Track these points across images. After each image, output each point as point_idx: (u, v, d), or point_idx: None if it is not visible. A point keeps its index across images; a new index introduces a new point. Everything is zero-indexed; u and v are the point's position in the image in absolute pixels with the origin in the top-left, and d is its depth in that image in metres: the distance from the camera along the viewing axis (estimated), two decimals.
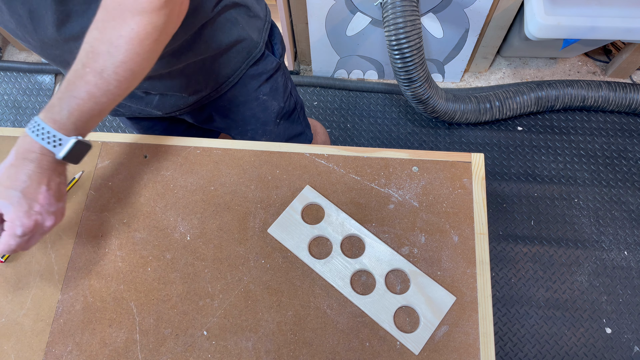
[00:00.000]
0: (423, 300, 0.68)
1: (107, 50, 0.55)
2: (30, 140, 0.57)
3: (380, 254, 0.71)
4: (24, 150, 0.57)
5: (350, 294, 0.69)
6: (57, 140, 0.57)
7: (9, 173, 0.57)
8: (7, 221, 0.58)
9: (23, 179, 0.57)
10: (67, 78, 0.57)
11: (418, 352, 0.65)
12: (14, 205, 0.57)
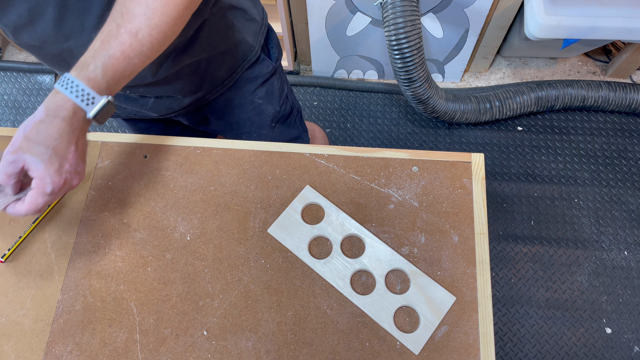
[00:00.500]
0: (423, 300, 0.68)
1: (143, 12, 0.56)
2: (62, 97, 0.56)
3: (380, 254, 0.71)
4: (56, 107, 0.56)
5: (350, 294, 0.69)
6: (90, 98, 0.56)
7: (38, 129, 0.55)
8: (37, 178, 0.56)
9: (54, 136, 0.55)
10: (100, 38, 0.57)
11: (418, 352, 0.65)
12: (44, 162, 0.55)
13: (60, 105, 0.56)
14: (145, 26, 0.56)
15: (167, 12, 0.57)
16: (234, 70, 0.87)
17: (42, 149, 0.55)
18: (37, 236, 0.75)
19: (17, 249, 0.74)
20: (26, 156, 0.55)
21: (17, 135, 0.56)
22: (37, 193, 0.57)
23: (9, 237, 0.75)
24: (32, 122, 0.56)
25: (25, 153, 0.55)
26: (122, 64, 0.57)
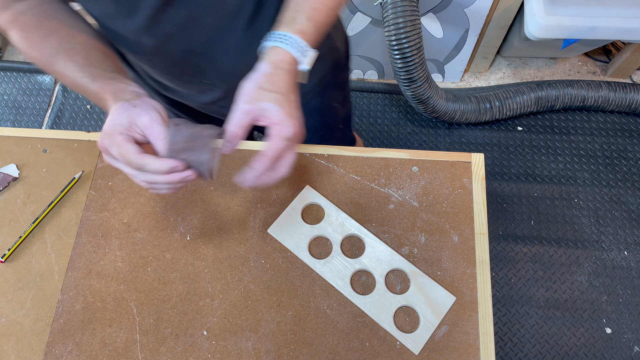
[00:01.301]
0: (423, 300, 0.68)
1: None
2: (283, 51, 0.56)
3: (380, 254, 0.71)
4: (278, 60, 0.56)
5: (350, 294, 0.69)
6: (305, 51, 0.57)
7: (269, 79, 0.56)
8: (275, 124, 0.55)
9: (284, 85, 0.56)
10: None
11: (418, 352, 0.65)
12: (283, 107, 0.55)
13: (281, 58, 0.56)
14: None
15: None
16: (325, 77, 0.85)
17: (278, 96, 0.55)
18: (37, 236, 0.75)
19: (17, 249, 0.74)
20: (263, 103, 0.55)
21: (247, 87, 0.56)
22: (278, 138, 0.55)
23: (9, 237, 0.75)
24: (262, 74, 0.56)
25: (261, 101, 0.55)
26: (322, 14, 0.58)
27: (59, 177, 0.79)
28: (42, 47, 0.61)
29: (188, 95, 0.77)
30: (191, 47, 0.64)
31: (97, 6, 0.60)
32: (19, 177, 0.79)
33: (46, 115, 1.95)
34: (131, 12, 0.58)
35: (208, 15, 0.60)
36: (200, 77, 0.70)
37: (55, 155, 0.81)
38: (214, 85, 0.73)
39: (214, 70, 0.69)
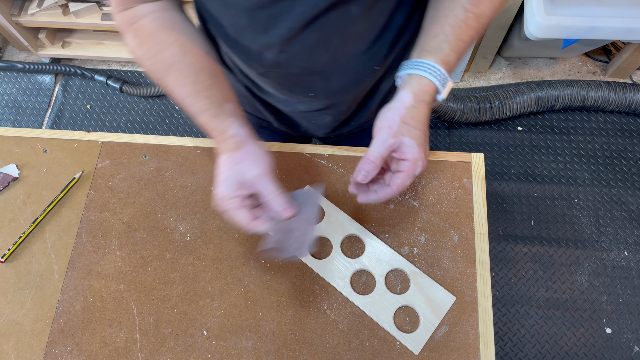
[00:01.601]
0: (423, 300, 0.68)
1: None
2: (428, 82, 0.57)
3: (380, 254, 0.71)
4: (421, 92, 0.57)
5: (350, 294, 0.69)
6: (445, 81, 0.58)
7: (411, 113, 0.57)
8: (409, 161, 0.57)
9: (424, 120, 0.57)
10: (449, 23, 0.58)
11: (418, 352, 0.65)
12: (420, 145, 0.57)
13: (425, 90, 0.57)
14: (489, 10, 0.58)
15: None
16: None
17: (419, 133, 0.57)
18: (37, 236, 0.75)
19: (17, 249, 0.74)
20: (404, 139, 0.56)
21: (392, 120, 0.57)
22: (408, 175, 0.57)
23: (9, 237, 0.75)
24: (405, 107, 0.57)
25: (404, 136, 0.56)
26: (465, 47, 0.59)
27: (59, 177, 0.79)
28: (154, 61, 0.61)
29: (283, 101, 0.76)
30: (312, 66, 0.64)
31: (228, 17, 0.59)
32: (19, 177, 0.79)
33: (46, 115, 1.95)
34: (265, 30, 0.58)
35: (337, 38, 0.60)
36: (308, 91, 0.70)
37: (55, 155, 0.81)
38: (316, 98, 0.73)
39: (324, 86, 0.69)
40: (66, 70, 1.98)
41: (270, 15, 0.56)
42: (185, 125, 1.90)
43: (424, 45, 0.60)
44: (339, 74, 0.67)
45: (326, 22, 0.57)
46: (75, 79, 2.02)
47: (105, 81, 1.95)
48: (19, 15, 1.81)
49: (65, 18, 1.80)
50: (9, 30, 1.85)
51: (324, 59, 0.63)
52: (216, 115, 0.60)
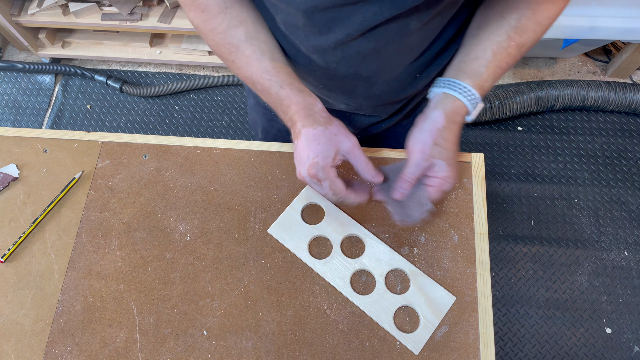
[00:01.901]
0: (423, 300, 0.68)
1: (533, 29, 0.59)
2: (460, 104, 0.60)
3: (380, 254, 0.71)
4: (453, 114, 0.60)
5: (350, 294, 0.69)
6: (477, 104, 0.61)
7: (443, 135, 0.60)
8: (440, 179, 0.61)
9: (455, 141, 0.61)
10: (491, 48, 0.60)
11: (418, 352, 0.65)
12: (451, 166, 0.60)
13: (457, 111, 0.60)
14: (531, 41, 0.60)
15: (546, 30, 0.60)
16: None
17: (450, 154, 0.60)
18: (37, 236, 0.75)
19: (17, 249, 0.74)
20: (437, 161, 0.60)
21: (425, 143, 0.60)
22: (437, 190, 0.62)
23: (9, 237, 0.75)
24: (437, 128, 0.60)
25: (435, 158, 0.60)
26: (502, 73, 0.62)
27: (59, 177, 0.79)
28: (225, 36, 0.62)
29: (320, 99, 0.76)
30: (360, 72, 0.65)
31: (284, 14, 0.59)
32: (19, 177, 0.79)
33: (46, 115, 1.95)
34: (320, 32, 0.58)
35: (391, 49, 0.61)
36: (349, 93, 0.71)
37: (55, 155, 0.81)
38: (355, 101, 0.73)
39: (366, 91, 0.70)
40: (66, 70, 1.98)
41: (329, 19, 0.55)
42: (185, 126, 1.90)
43: (463, 66, 0.61)
44: (383, 81, 0.67)
45: (383, 33, 0.57)
46: (75, 79, 2.02)
47: (105, 81, 1.95)
48: (19, 15, 1.81)
49: (65, 18, 1.80)
50: (9, 30, 1.85)
51: (373, 66, 0.63)
52: (300, 90, 0.62)
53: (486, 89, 0.61)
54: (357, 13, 0.54)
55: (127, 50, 1.96)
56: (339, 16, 0.55)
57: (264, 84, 0.62)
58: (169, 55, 1.93)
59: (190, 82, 1.94)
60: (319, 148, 0.61)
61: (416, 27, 0.57)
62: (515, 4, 0.59)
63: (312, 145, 0.61)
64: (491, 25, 0.60)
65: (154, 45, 1.96)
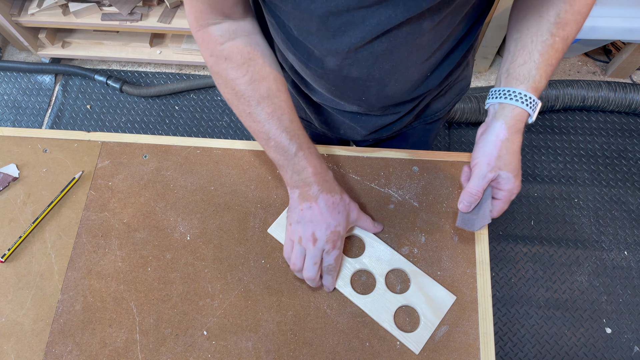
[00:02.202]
0: (423, 300, 0.68)
1: (574, 19, 0.59)
2: (520, 111, 0.60)
3: (380, 253, 0.71)
4: (515, 122, 0.60)
5: (351, 293, 0.69)
6: (536, 107, 0.61)
7: (507, 146, 0.60)
8: (506, 191, 0.62)
9: (518, 151, 0.61)
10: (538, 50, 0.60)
11: (418, 352, 0.65)
12: (515, 177, 0.61)
13: (519, 119, 0.60)
14: (575, 31, 0.60)
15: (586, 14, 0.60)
16: (449, 104, 0.86)
17: (514, 164, 0.61)
18: (37, 236, 0.75)
19: (17, 249, 0.74)
20: (502, 172, 0.61)
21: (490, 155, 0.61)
22: (505, 202, 0.63)
23: (9, 237, 0.75)
24: (500, 140, 0.60)
25: (501, 170, 0.61)
26: (553, 69, 0.62)
27: (59, 177, 0.79)
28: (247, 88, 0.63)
29: (332, 101, 0.77)
30: (373, 73, 0.65)
31: (297, 20, 0.59)
32: (19, 177, 0.79)
33: (46, 115, 1.95)
34: (334, 36, 0.58)
35: (403, 50, 0.61)
36: (361, 95, 0.71)
37: (55, 155, 0.81)
38: (367, 102, 0.73)
39: (379, 92, 0.70)
40: (66, 70, 1.98)
41: (343, 23, 0.55)
42: (185, 126, 1.90)
43: (513, 72, 0.61)
44: (395, 82, 0.67)
45: (397, 35, 0.57)
46: (75, 79, 2.02)
47: (105, 81, 1.95)
48: (19, 15, 1.81)
49: (65, 18, 1.80)
50: (9, 30, 1.85)
51: (386, 67, 0.64)
52: (318, 155, 0.67)
53: (541, 89, 0.62)
54: (372, 17, 0.54)
55: (127, 50, 1.96)
56: (353, 20, 0.55)
57: (282, 142, 0.64)
58: (169, 55, 1.93)
59: (190, 82, 1.94)
60: (340, 217, 0.66)
61: (428, 28, 0.57)
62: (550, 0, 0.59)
63: (334, 213, 0.66)
64: (531, 27, 0.61)
65: (154, 45, 1.96)
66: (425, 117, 0.86)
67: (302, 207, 0.66)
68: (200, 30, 0.62)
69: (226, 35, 0.62)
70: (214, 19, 0.61)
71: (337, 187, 0.67)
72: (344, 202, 0.67)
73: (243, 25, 0.63)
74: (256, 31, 0.65)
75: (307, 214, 0.66)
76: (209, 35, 0.62)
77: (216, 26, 0.61)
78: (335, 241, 0.66)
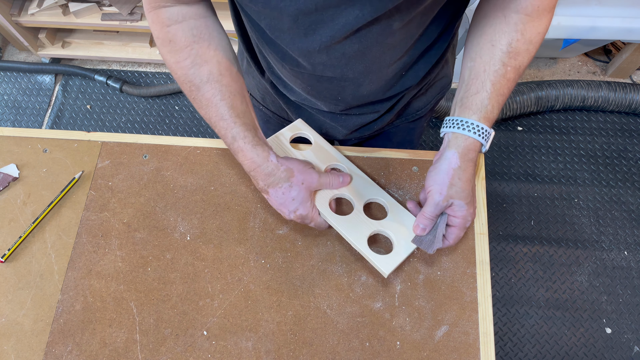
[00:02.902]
0: (398, 229, 0.68)
1: (526, 49, 0.61)
2: (472, 141, 0.62)
3: (360, 185, 0.72)
4: (467, 151, 0.62)
5: (327, 211, 0.69)
6: (489, 137, 0.63)
7: (459, 174, 0.62)
8: (460, 218, 0.63)
9: (470, 179, 0.62)
10: (490, 79, 0.61)
11: (387, 274, 0.65)
12: (468, 204, 0.63)
13: (472, 149, 0.62)
14: (527, 60, 0.62)
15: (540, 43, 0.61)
16: (430, 103, 0.86)
17: (466, 192, 0.62)
18: (37, 236, 0.75)
19: (17, 249, 0.74)
20: (454, 200, 0.62)
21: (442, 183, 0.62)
22: (460, 229, 0.64)
23: (9, 237, 0.75)
24: (452, 168, 0.62)
25: (453, 198, 0.62)
26: (505, 99, 0.63)
27: (59, 177, 0.79)
28: (188, 72, 0.63)
29: (309, 101, 0.77)
30: (346, 73, 0.65)
31: (268, 20, 0.59)
32: (19, 177, 0.79)
33: (46, 115, 1.95)
34: (306, 35, 0.58)
35: (375, 49, 0.61)
36: (337, 95, 0.71)
37: (55, 155, 0.81)
38: (343, 102, 0.74)
39: (354, 92, 0.70)
40: (66, 70, 1.98)
41: (313, 21, 0.56)
42: (185, 126, 1.90)
43: (466, 102, 0.62)
44: (370, 82, 0.68)
45: (367, 34, 0.57)
46: (75, 79, 2.02)
47: (105, 81, 1.95)
48: (19, 15, 1.81)
49: (65, 18, 1.80)
50: (9, 30, 1.85)
51: (359, 68, 0.64)
52: (254, 145, 0.64)
53: (493, 119, 0.63)
54: (340, 16, 0.54)
55: (127, 50, 1.96)
56: (323, 18, 0.55)
57: (220, 131, 0.65)
58: None
59: None
60: (295, 203, 0.66)
61: (398, 27, 0.58)
62: (502, 29, 0.60)
63: (287, 203, 0.66)
64: (484, 56, 0.62)
65: (154, 45, 1.96)
66: (407, 115, 0.86)
67: (262, 194, 0.68)
68: (151, 11, 0.62)
69: (174, 17, 0.61)
70: (165, 2, 0.61)
71: (282, 173, 0.65)
72: (295, 186, 0.66)
73: (195, 9, 0.62)
74: (209, 14, 0.64)
75: (269, 201, 0.68)
76: (158, 16, 0.61)
77: (167, 9, 0.61)
78: (302, 222, 0.68)
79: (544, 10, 0.59)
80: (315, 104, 0.77)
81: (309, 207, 0.67)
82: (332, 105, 0.75)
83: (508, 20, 0.60)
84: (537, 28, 0.60)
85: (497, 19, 0.61)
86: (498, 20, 0.61)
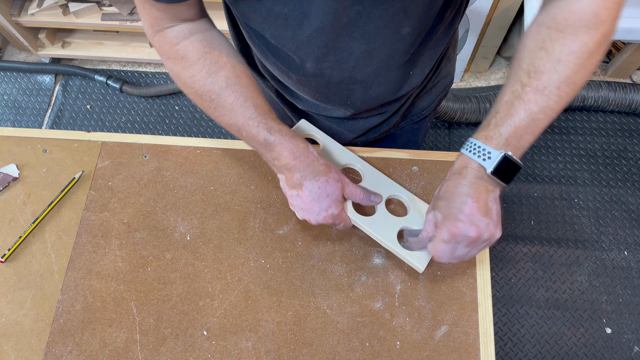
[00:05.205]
0: (423, 223, 0.68)
1: (552, 68, 0.55)
2: (465, 158, 0.61)
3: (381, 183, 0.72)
4: (459, 167, 0.61)
5: (352, 213, 0.68)
6: (486, 154, 0.59)
7: (445, 187, 0.61)
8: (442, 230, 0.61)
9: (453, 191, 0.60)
10: (504, 99, 0.58)
11: (422, 269, 0.65)
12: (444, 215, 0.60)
13: (462, 165, 0.61)
14: (555, 81, 0.55)
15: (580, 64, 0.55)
16: (434, 102, 0.85)
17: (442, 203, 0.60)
18: (37, 236, 0.75)
19: (17, 249, 0.74)
20: (435, 212, 0.61)
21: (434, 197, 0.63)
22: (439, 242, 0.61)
23: (9, 237, 0.75)
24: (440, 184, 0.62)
25: (435, 209, 0.61)
26: (524, 120, 0.57)
27: (59, 177, 0.79)
28: (205, 83, 0.62)
29: (317, 107, 0.77)
30: (355, 75, 0.64)
31: (273, 29, 0.59)
32: (19, 177, 0.79)
33: (46, 115, 1.95)
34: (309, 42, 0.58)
35: (383, 51, 0.60)
36: (346, 99, 0.71)
37: (55, 155, 0.81)
38: (352, 107, 0.73)
39: (363, 95, 0.69)
40: (66, 70, 1.98)
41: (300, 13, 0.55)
42: (185, 126, 1.90)
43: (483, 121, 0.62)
44: (378, 84, 0.67)
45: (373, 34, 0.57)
46: (75, 79, 2.02)
47: (105, 81, 1.95)
48: (19, 15, 1.81)
49: (65, 18, 1.80)
50: (9, 30, 1.85)
51: (368, 70, 0.63)
52: (292, 136, 0.63)
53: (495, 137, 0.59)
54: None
55: (127, 50, 1.96)
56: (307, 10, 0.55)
57: (250, 130, 0.63)
58: None
59: None
60: (329, 200, 0.64)
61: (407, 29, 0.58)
62: (530, 46, 0.57)
63: (322, 198, 0.64)
64: (510, 76, 0.59)
65: None
66: (411, 116, 0.86)
67: (291, 193, 0.65)
68: (156, 35, 0.61)
69: (181, 35, 0.61)
70: (168, 24, 0.61)
71: (321, 167, 0.64)
72: (331, 182, 0.64)
73: (199, 24, 0.62)
74: (211, 27, 0.64)
75: (297, 201, 0.65)
76: (165, 38, 0.61)
77: (171, 29, 0.61)
78: (332, 223, 0.66)
79: (581, 26, 0.53)
80: (324, 110, 0.76)
81: (341, 207, 0.66)
82: (341, 111, 0.75)
83: (538, 37, 0.57)
84: (570, 46, 0.54)
85: (531, 35, 0.59)
86: (530, 37, 0.58)
